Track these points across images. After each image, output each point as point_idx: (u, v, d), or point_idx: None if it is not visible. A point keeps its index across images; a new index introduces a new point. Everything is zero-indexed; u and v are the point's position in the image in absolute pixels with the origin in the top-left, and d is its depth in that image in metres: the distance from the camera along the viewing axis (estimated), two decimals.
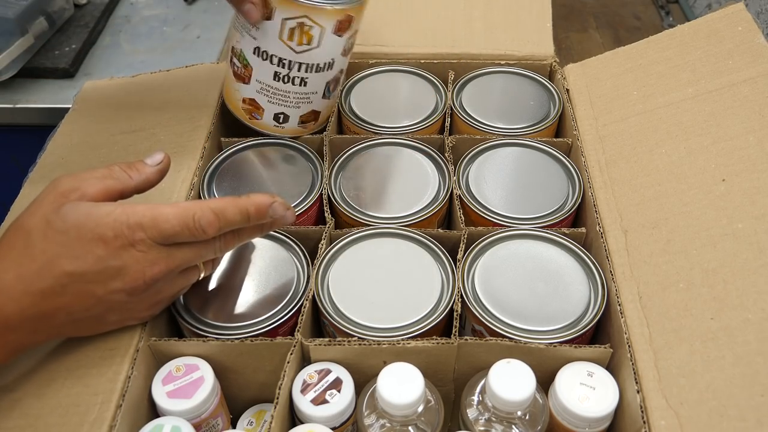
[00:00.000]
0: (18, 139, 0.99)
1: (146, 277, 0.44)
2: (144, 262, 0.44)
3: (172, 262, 0.45)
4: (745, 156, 0.55)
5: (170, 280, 0.47)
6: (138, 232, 0.43)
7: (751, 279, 0.48)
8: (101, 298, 0.44)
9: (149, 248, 0.44)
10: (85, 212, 0.43)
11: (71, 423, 0.44)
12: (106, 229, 0.43)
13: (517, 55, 0.76)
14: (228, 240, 0.48)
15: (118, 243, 0.43)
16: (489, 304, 0.52)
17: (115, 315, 0.46)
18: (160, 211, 0.44)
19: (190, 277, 0.49)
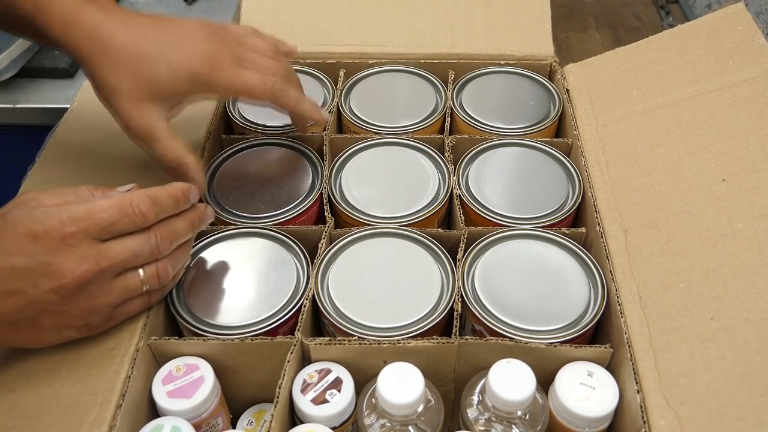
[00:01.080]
0: (18, 139, 0.99)
1: (75, 274, 0.42)
2: (73, 259, 0.42)
3: (105, 259, 0.43)
4: (745, 156, 0.55)
5: (104, 283, 0.44)
6: (69, 225, 0.42)
7: (751, 279, 0.48)
8: (32, 298, 0.42)
9: (80, 242, 0.42)
10: (25, 212, 0.43)
11: (71, 423, 0.44)
12: (37, 224, 0.41)
13: (517, 55, 0.76)
14: (164, 235, 0.46)
15: (48, 238, 0.41)
16: (489, 303, 0.52)
17: (49, 320, 0.44)
18: (95, 204, 0.43)
19: (128, 283, 0.46)
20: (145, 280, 0.46)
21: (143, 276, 0.46)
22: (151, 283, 0.47)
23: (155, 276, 0.47)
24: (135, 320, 0.50)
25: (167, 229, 0.47)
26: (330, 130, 0.68)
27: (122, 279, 0.45)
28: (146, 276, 0.46)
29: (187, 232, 0.49)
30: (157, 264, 0.47)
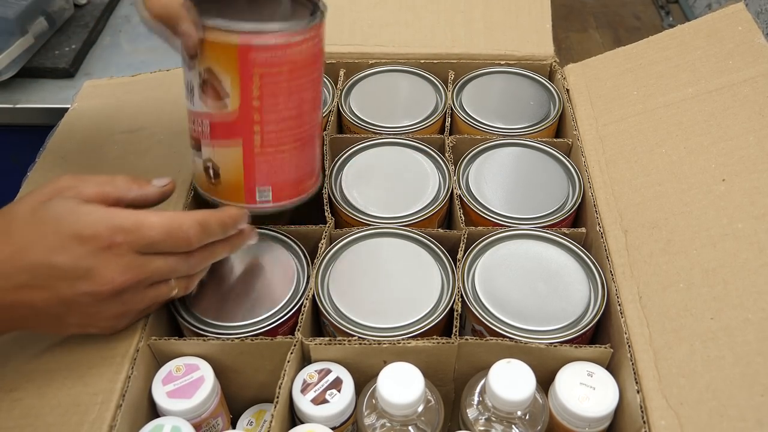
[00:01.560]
0: (18, 139, 0.99)
1: (115, 283, 0.43)
2: (116, 268, 0.42)
3: (144, 272, 0.44)
4: (745, 156, 0.55)
5: (139, 291, 0.45)
6: (118, 235, 0.42)
7: (751, 279, 0.48)
8: (66, 297, 0.42)
9: (125, 254, 0.43)
10: (69, 207, 0.43)
11: (71, 423, 0.44)
12: (84, 227, 0.42)
13: (517, 55, 0.76)
14: (204, 256, 0.47)
15: (95, 244, 0.42)
16: (489, 303, 0.52)
17: (76, 318, 0.44)
18: (145, 218, 0.43)
19: (160, 293, 0.47)
20: (174, 289, 0.48)
21: (174, 286, 0.47)
22: (180, 293, 0.49)
23: (185, 288, 0.49)
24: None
25: (208, 252, 0.48)
26: (330, 130, 0.68)
27: (155, 288, 0.46)
28: (177, 286, 0.48)
29: (225, 254, 0.50)
30: (190, 277, 0.49)
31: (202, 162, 0.53)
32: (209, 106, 0.50)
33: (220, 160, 0.52)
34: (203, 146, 0.52)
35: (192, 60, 0.49)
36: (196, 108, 0.51)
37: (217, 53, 0.48)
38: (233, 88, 0.49)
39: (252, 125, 0.50)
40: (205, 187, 0.54)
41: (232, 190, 0.53)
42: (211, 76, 0.49)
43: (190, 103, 0.52)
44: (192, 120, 0.52)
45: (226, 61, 0.48)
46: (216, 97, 0.49)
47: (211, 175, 0.52)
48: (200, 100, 0.50)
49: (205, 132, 0.51)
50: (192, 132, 0.53)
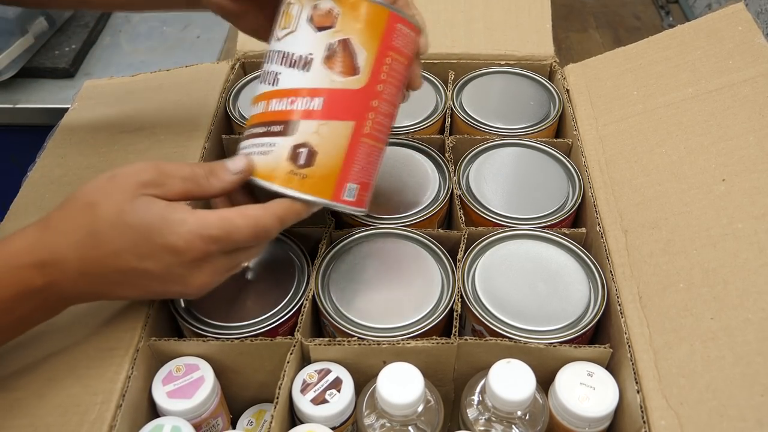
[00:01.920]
0: (18, 139, 0.99)
1: (204, 286, 0.45)
2: (207, 273, 0.44)
3: (230, 265, 0.46)
4: (745, 156, 0.55)
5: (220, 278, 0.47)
6: (211, 245, 0.43)
7: (751, 279, 0.48)
8: (156, 292, 0.45)
9: (216, 259, 0.44)
10: (159, 214, 0.42)
11: (71, 423, 0.44)
12: (178, 239, 0.42)
13: (517, 55, 0.76)
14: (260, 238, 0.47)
15: (190, 256, 0.43)
16: (489, 304, 0.52)
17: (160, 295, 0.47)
18: (232, 224, 0.43)
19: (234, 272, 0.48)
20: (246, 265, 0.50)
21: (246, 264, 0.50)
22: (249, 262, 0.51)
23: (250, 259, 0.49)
24: (135, 320, 0.50)
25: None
26: None
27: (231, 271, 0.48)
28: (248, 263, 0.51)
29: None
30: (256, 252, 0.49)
31: (291, 147, 0.47)
32: (331, 81, 0.47)
33: (321, 142, 0.47)
34: (301, 127, 0.47)
35: (320, 30, 0.47)
36: (309, 83, 0.47)
37: (363, 25, 0.47)
38: (366, 65, 0.48)
39: (368, 110, 0.49)
40: (282, 178, 0.47)
41: (322, 181, 0.48)
42: (346, 48, 0.47)
43: (297, 78, 0.47)
44: (289, 98, 0.47)
45: (370, 34, 0.47)
46: (346, 71, 0.47)
47: (301, 162, 0.47)
48: (320, 73, 0.47)
49: (314, 108, 0.47)
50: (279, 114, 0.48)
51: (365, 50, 0.47)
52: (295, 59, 0.47)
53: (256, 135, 0.48)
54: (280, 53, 0.48)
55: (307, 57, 0.47)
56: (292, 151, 0.47)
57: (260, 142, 0.48)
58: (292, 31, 0.48)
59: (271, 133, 0.47)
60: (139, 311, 0.51)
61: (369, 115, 0.49)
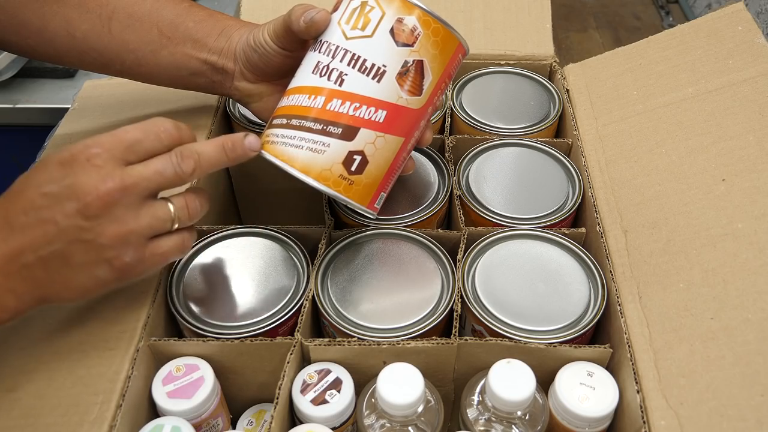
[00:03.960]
0: (18, 139, 0.99)
1: (100, 192, 0.41)
2: (96, 176, 0.42)
3: (128, 177, 0.42)
4: (745, 156, 0.55)
5: (132, 206, 0.43)
6: (94, 147, 0.42)
7: (751, 279, 0.48)
8: (61, 225, 0.42)
9: (105, 163, 0.42)
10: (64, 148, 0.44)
11: (71, 423, 0.44)
12: (65, 152, 0.43)
13: (517, 55, 0.76)
14: (185, 155, 0.45)
15: (74, 161, 0.42)
16: (489, 304, 0.52)
17: (79, 252, 0.43)
18: (121, 129, 0.44)
19: (157, 211, 0.44)
20: (174, 212, 0.45)
21: (172, 208, 0.45)
22: (181, 215, 0.45)
23: (184, 207, 0.46)
24: (135, 320, 0.50)
25: (190, 150, 0.45)
26: None
27: (150, 205, 0.44)
28: (175, 208, 0.45)
29: (216, 156, 0.46)
30: (185, 195, 0.46)
31: (347, 152, 0.48)
32: (398, 97, 0.48)
33: (375, 153, 0.49)
34: (361, 135, 0.48)
35: (400, 46, 0.47)
36: (378, 94, 0.48)
37: (438, 52, 0.49)
38: (429, 88, 0.49)
39: (416, 129, 0.51)
40: (333, 180, 0.48)
41: (365, 189, 0.49)
42: (419, 69, 0.48)
43: (367, 86, 0.47)
44: (354, 103, 0.48)
45: (441, 60, 0.49)
46: (413, 90, 0.49)
47: (353, 169, 0.48)
48: (390, 87, 0.48)
49: (376, 121, 0.48)
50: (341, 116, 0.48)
51: (432, 74, 0.49)
52: (367, 66, 0.47)
53: (309, 130, 0.48)
54: (350, 54, 0.48)
55: (381, 68, 0.47)
56: (347, 156, 0.48)
57: (313, 138, 0.48)
58: (367, 36, 0.48)
59: (328, 133, 0.47)
60: (139, 311, 0.51)
61: (415, 134, 0.51)
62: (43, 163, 0.43)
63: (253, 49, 0.54)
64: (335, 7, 0.50)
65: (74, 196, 0.42)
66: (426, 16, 0.47)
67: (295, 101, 0.49)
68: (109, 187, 0.42)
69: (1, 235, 0.42)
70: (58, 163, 0.42)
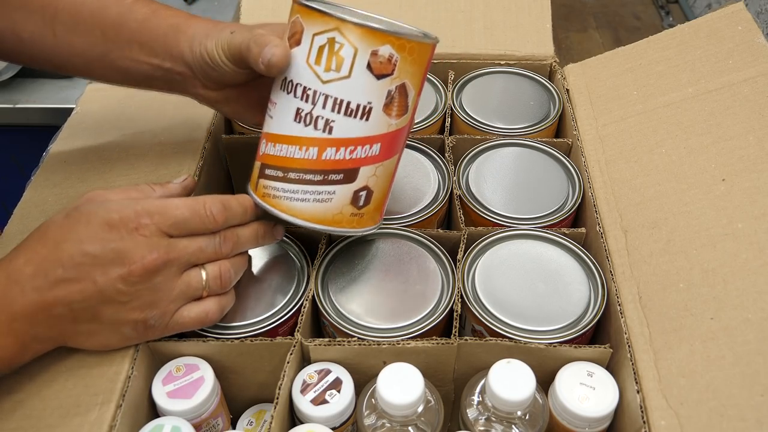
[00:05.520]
0: (18, 139, 0.99)
1: (145, 261, 0.43)
2: (144, 247, 0.43)
3: (173, 251, 0.45)
4: (745, 156, 0.55)
5: (170, 276, 0.45)
6: (144, 217, 0.44)
7: (751, 279, 0.48)
8: (99, 285, 0.43)
9: (152, 234, 0.44)
10: (99, 204, 0.45)
11: (71, 423, 0.44)
12: (112, 214, 0.43)
13: (517, 55, 0.76)
14: (228, 237, 0.48)
15: (123, 227, 0.43)
16: (489, 304, 0.52)
17: (110, 310, 0.44)
18: (169, 201, 0.45)
19: (191, 280, 0.46)
20: (207, 280, 0.47)
21: (205, 275, 0.47)
22: (212, 284, 0.47)
23: (217, 277, 0.47)
24: None
25: (232, 234, 0.48)
26: None
27: (186, 275, 0.46)
28: (208, 275, 0.47)
29: (250, 241, 0.50)
30: (220, 264, 0.47)
31: (353, 193, 0.48)
32: (389, 125, 0.47)
33: (377, 181, 0.49)
34: (362, 173, 0.48)
35: (380, 78, 0.45)
36: (369, 131, 0.47)
37: (416, 67, 0.47)
38: (412, 102, 0.48)
39: (406, 136, 0.50)
40: (343, 221, 0.49)
41: (374, 214, 0.50)
42: (402, 91, 0.47)
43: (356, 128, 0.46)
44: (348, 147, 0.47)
45: (418, 73, 0.47)
46: (400, 113, 0.48)
47: (361, 203, 0.49)
48: (379, 121, 0.47)
49: (373, 155, 0.47)
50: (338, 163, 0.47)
51: (414, 89, 0.48)
52: (352, 108, 0.46)
53: (310, 182, 0.47)
54: (332, 98, 0.46)
55: (366, 106, 0.46)
56: (354, 196, 0.48)
57: (317, 189, 0.47)
58: (345, 77, 0.45)
59: (331, 182, 0.47)
60: None
61: (405, 142, 0.51)
62: (87, 219, 0.44)
63: (210, 67, 0.50)
64: (295, 41, 0.46)
65: (119, 261, 0.43)
66: (400, 40, 0.45)
67: (286, 152, 0.47)
68: (155, 258, 0.44)
69: (35, 284, 0.43)
70: (105, 224, 0.43)
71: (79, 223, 0.44)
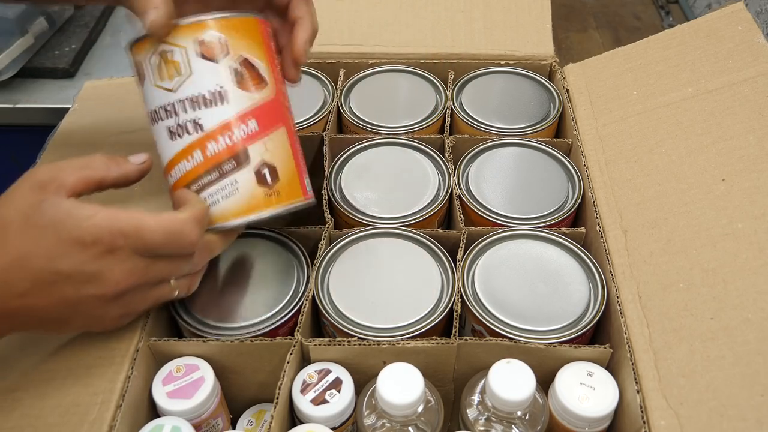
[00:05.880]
0: (18, 139, 0.99)
1: (120, 285, 0.43)
2: (120, 271, 0.42)
3: (148, 273, 0.44)
4: (745, 156, 0.55)
5: (143, 292, 0.45)
6: (119, 239, 0.41)
7: (751, 279, 0.48)
8: (71, 301, 0.42)
9: (128, 257, 0.42)
10: (65, 211, 0.41)
11: (71, 423, 0.44)
12: (85, 233, 0.41)
13: (517, 55, 0.76)
14: (203, 255, 0.47)
15: (97, 249, 0.41)
16: (489, 304, 0.52)
17: (81, 320, 0.45)
18: (144, 222, 0.42)
19: (162, 293, 0.46)
20: (176, 290, 0.47)
21: (176, 286, 0.47)
22: (181, 292, 0.48)
23: (186, 287, 0.48)
24: (135, 320, 0.50)
25: (207, 248, 0.47)
26: (330, 130, 0.68)
27: (158, 288, 0.46)
28: (180, 290, 0.47)
29: (222, 247, 0.49)
30: (191, 276, 0.48)
31: (254, 173, 0.48)
32: (251, 99, 0.48)
33: (274, 154, 0.49)
34: (252, 150, 0.48)
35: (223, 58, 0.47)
36: (235, 110, 0.47)
37: (249, 41, 0.48)
38: (268, 74, 0.49)
39: (286, 110, 0.51)
40: (262, 203, 0.48)
41: (291, 187, 0.50)
42: (248, 65, 0.48)
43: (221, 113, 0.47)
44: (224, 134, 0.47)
45: (257, 46, 0.49)
46: (258, 85, 0.49)
47: (269, 180, 0.48)
48: (239, 97, 0.48)
49: (253, 130, 0.48)
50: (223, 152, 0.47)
51: (260, 60, 0.49)
52: (208, 98, 0.47)
53: (209, 183, 0.48)
54: (188, 100, 0.47)
55: (219, 91, 0.47)
56: (257, 176, 0.48)
57: (219, 186, 0.47)
58: (188, 76, 0.47)
59: (226, 173, 0.47)
60: None
61: (289, 115, 0.51)
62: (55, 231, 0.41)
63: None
64: (141, 77, 0.49)
65: (95, 283, 0.42)
66: (217, 22, 0.47)
67: (179, 172, 0.48)
68: (131, 281, 0.43)
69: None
70: (78, 243, 0.41)
71: (45, 235, 0.41)
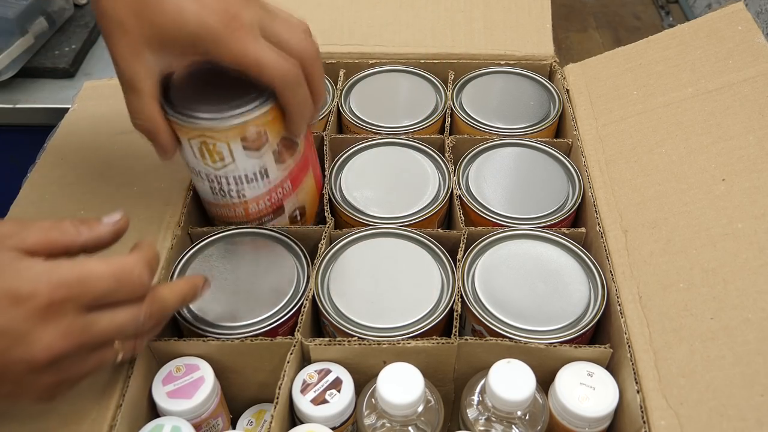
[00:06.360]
0: (18, 139, 0.99)
1: (53, 350, 0.37)
2: (54, 333, 0.37)
3: (88, 335, 0.38)
4: (745, 156, 0.55)
5: (80, 358, 0.39)
6: (58, 291, 0.36)
7: (751, 279, 0.48)
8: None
9: (66, 313, 0.37)
10: (6, 261, 0.37)
11: (71, 423, 0.44)
12: (22, 283, 0.36)
13: (517, 55, 0.76)
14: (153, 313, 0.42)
15: (32, 304, 0.36)
16: (489, 304, 0.52)
17: (7, 386, 0.38)
18: (90, 269, 0.38)
19: (103, 359, 0.41)
20: (120, 354, 0.42)
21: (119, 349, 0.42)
22: (125, 357, 0.43)
23: (131, 351, 0.43)
24: None
25: (158, 306, 0.42)
26: (330, 130, 0.68)
27: (99, 353, 0.40)
28: (122, 348, 0.42)
29: (176, 307, 0.45)
30: (136, 343, 0.43)
31: (288, 218, 0.58)
32: (288, 167, 0.54)
33: (304, 198, 0.58)
34: (288, 204, 0.57)
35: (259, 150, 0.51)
36: (275, 181, 0.54)
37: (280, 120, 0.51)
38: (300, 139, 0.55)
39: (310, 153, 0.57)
40: None
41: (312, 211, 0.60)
42: (284, 143, 0.53)
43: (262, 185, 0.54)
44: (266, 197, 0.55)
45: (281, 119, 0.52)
46: (293, 151, 0.54)
47: (299, 218, 0.58)
48: (279, 171, 0.54)
49: (287, 191, 0.56)
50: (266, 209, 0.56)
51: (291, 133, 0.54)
52: (250, 177, 0.53)
53: None
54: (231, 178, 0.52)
55: (261, 171, 0.53)
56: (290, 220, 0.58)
57: None
58: (230, 163, 0.51)
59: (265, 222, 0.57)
60: None
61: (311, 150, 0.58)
62: None
63: None
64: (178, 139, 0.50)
65: (24, 345, 0.36)
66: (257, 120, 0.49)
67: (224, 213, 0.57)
68: (66, 344, 0.37)
69: None
70: (12, 296, 0.36)
71: None
